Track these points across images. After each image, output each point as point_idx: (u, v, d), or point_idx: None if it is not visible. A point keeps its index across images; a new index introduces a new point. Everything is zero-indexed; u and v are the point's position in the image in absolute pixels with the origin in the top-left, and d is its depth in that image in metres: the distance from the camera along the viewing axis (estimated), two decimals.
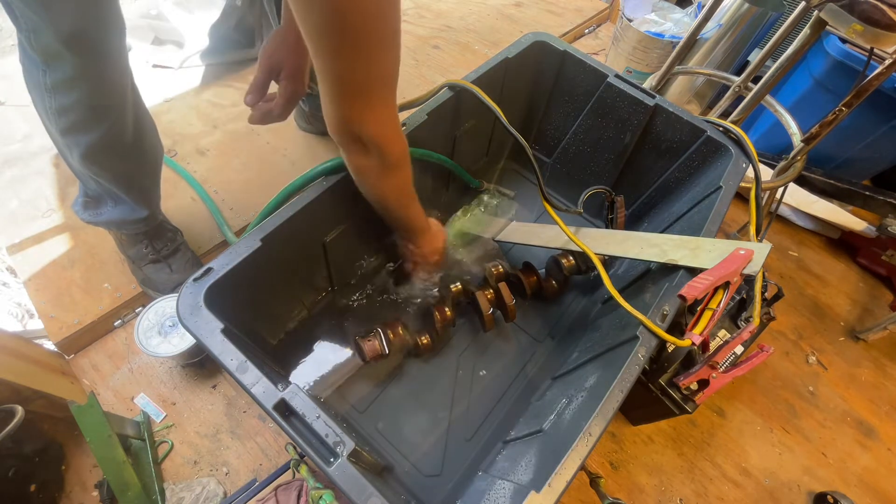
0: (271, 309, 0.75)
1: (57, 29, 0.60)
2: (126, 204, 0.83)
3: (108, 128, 0.72)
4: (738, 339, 0.73)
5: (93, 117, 0.71)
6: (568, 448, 0.51)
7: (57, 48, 0.62)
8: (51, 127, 0.72)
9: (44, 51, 0.63)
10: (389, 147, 0.59)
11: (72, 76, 0.65)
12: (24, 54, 0.66)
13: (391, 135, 0.59)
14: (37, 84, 0.67)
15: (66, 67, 0.64)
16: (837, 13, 0.72)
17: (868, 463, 0.97)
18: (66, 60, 0.64)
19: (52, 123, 0.71)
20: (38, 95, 0.69)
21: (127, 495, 0.73)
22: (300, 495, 0.73)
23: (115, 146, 0.75)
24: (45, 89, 0.66)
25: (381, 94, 0.54)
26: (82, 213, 0.85)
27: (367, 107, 0.54)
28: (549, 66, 0.94)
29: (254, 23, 1.33)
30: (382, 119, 0.56)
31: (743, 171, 0.77)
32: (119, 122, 0.73)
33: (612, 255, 0.79)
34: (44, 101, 0.68)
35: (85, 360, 0.93)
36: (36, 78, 0.66)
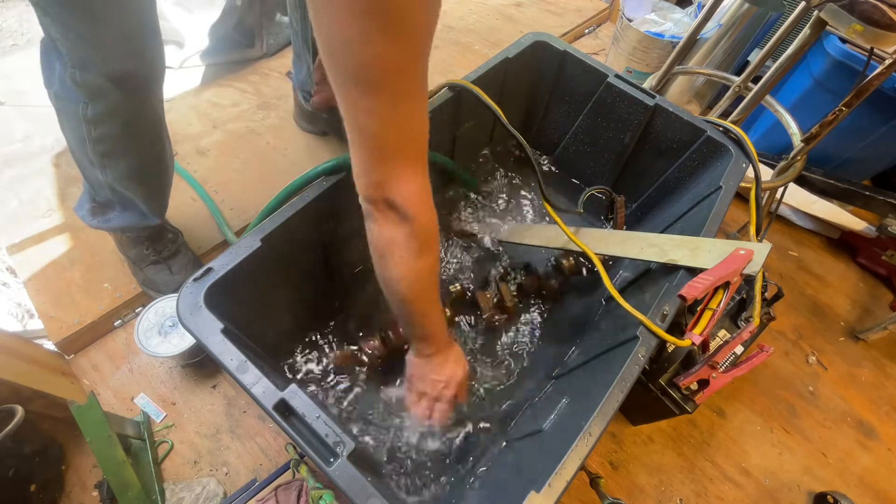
0: (271, 309, 0.75)
1: (108, 68, 0.62)
2: (136, 210, 0.84)
3: (146, 150, 0.76)
4: (738, 339, 0.73)
5: (133, 143, 0.74)
6: (568, 448, 0.51)
7: (104, 85, 0.64)
8: (85, 151, 0.73)
9: (89, 86, 0.64)
10: (422, 215, 0.54)
11: (115, 109, 0.68)
12: (62, 86, 0.67)
13: (425, 201, 0.54)
14: (74, 115, 0.68)
15: (110, 102, 0.67)
16: (837, 13, 0.72)
17: (868, 463, 0.97)
18: (111, 96, 0.66)
19: (89, 149, 0.72)
20: (73, 124, 0.70)
21: (127, 495, 0.73)
22: (300, 495, 0.73)
23: (151, 165, 0.79)
24: (83, 120, 0.68)
25: (414, 156, 0.51)
26: (90, 220, 0.85)
27: (400, 167, 0.50)
28: (549, 66, 0.94)
29: (254, 23, 1.33)
30: (416, 182, 0.52)
31: (743, 171, 0.77)
32: (157, 143, 0.77)
33: (612, 255, 0.79)
34: (80, 129, 0.70)
35: (85, 360, 0.93)
36: (74, 109, 0.68)
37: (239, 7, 1.27)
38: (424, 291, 0.60)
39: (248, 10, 1.30)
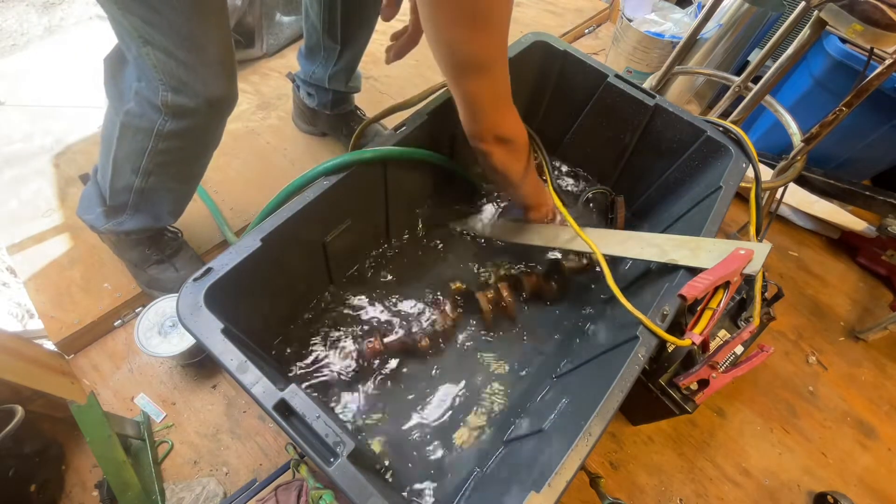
0: (271, 309, 0.75)
1: (208, 93, 0.66)
2: (150, 213, 0.84)
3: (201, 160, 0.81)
4: (738, 339, 0.73)
5: (194, 155, 0.78)
6: (568, 448, 0.51)
7: (199, 108, 0.67)
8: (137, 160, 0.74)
9: (178, 107, 0.67)
10: (521, 138, 0.73)
11: (196, 127, 0.71)
12: (139, 105, 0.69)
13: (521, 127, 0.73)
14: (146, 130, 0.70)
15: (195, 121, 0.70)
16: (837, 13, 0.72)
17: (868, 463, 0.97)
18: (200, 117, 0.69)
19: (145, 160, 0.74)
20: (139, 137, 0.72)
21: (127, 495, 0.73)
22: (300, 495, 0.73)
23: (197, 173, 0.83)
24: (154, 134, 0.70)
25: (509, 102, 0.67)
26: (103, 223, 0.85)
27: (504, 113, 0.68)
28: (549, 66, 0.94)
29: (254, 23, 1.33)
30: (515, 118, 0.70)
31: (743, 171, 0.77)
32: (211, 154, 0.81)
33: (612, 255, 0.79)
34: (145, 143, 0.72)
35: (85, 360, 0.93)
36: (148, 126, 0.69)
37: (239, 7, 1.27)
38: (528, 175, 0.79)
39: (248, 10, 1.30)
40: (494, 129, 0.68)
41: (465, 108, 0.66)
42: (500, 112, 0.67)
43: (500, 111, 0.67)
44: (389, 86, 1.41)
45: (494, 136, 0.69)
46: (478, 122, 0.67)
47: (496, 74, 0.61)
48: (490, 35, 0.56)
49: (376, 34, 1.01)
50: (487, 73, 0.60)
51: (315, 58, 1.05)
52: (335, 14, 0.94)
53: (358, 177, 0.71)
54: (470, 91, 0.62)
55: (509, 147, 0.71)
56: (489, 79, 0.61)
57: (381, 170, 0.77)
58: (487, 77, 0.61)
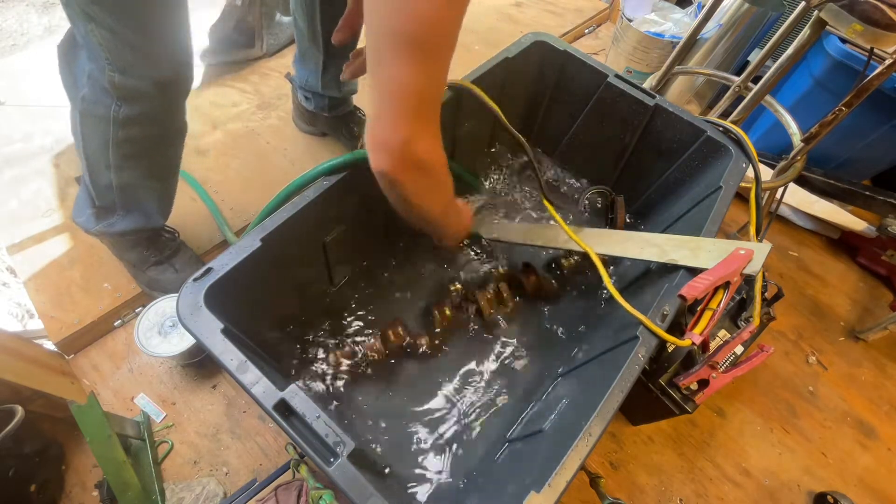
0: (271, 309, 0.75)
1: (156, 74, 0.63)
2: (140, 213, 0.84)
3: (167, 152, 0.78)
4: (738, 339, 0.73)
5: (157, 145, 0.75)
6: (568, 448, 0.51)
7: (148, 90, 0.65)
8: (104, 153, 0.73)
9: (128, 89, 0.64)
10: (440, 163, 0.58)
11: (150, 113, 0.69)
12: (93, 89, 0.67)
13: (441, 152, 0.58)
14: (103, 117, 0.68)
15: (147, 106, 0.67)
16: (837, 13, 0.72)
17: (868, 463, 0.97)
18: (151, 100, 0.67)
19: (111, 152, 0.72)
20: (100, 127, 0.70)
21: (127, 495, 0.73)
22: (300, 495, 0.73)
23: (168, 166, 0.81)
24: (112, 122, 0.68)
25: (436, 114, 0.54)
26: (93, 225, 0.85)
27: (428, 124, 0.53)
28: (549, 66, 0.94)
29: (254, 23, 1.33)
30: (435, 134, 0.55)
31: (743, 171, 0.77)
32: (178, 145, 0.79)
33: (612, 255, 0.79)
34: (106, 132, 0.70)
35: (85, 360, 0.93)
36: (104, 112, 0.68)
37: (239, 7, 1.27)
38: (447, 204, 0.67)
39: (248, 10, 1.30)
40: (410, 143, 0.52)
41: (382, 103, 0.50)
42: (424, 122, 0.52)
43: (424, 120, 0.52)
44: None
45: (408, 155, 0.53)
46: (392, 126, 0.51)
47: (437, 65, 0.49)
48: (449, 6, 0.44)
49: None
50: (428, 59, 0.47)
51: (307, 65, 1.05)
52: (316, 24, 0.93)
53: (358, 177, 0.71)
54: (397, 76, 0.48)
55: (426, 175, 0.56)
56: (427, 67, 0.47)
57: None
58: (426, 64, 0.47)
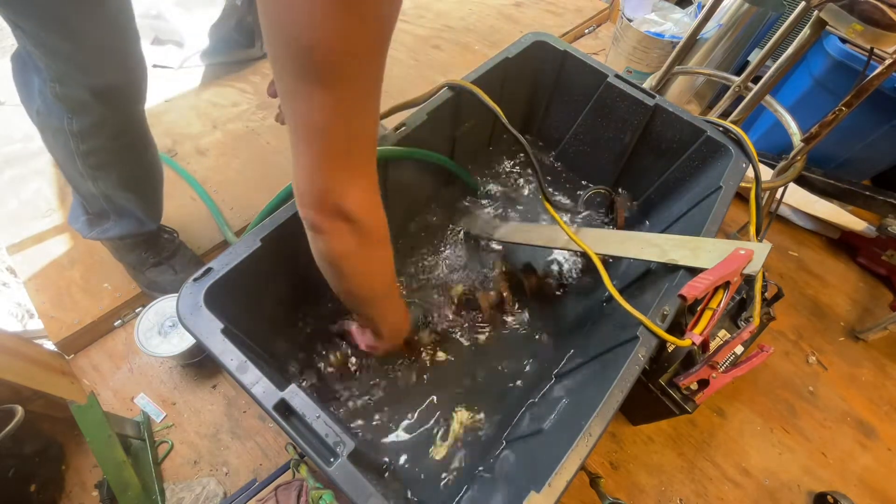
0: (271, 309, 0.75)
1: (89, 82, 0.60)
2: (132, 218, 0.83)
3: (137, 159, 0.76)
4: (738, 339, 0.73)
5: (123, 153, 0.73)
6: (568, 448, 0.51)
7: (87, 99, 0.62)
8: (74, 165, 0.72)
9: (71, 100, 0.63)
10: (375, 219, 0.49)
11: (100, 122, 0.66)
12: (44, 102, 0.65)
13: (376, 204, 0.49)
14: (59, 130, 0.67)
15: (95, 116, 0.65)
16: (837, 13, 0.72)
17: (868, 463, 0.97)
18: (95, 110, 0.64)
19: (79, 163, 0.71)
20: (60, 140, 0.69)
21: (127, 495, 0.73)
22: (300, 495, 0.73)
23: (143, 173, 0.78)
24: (70, 135, 0.67)
25: (366, 158, 0.45)
26: (87, 231, 0.84)
27: (352, 172, 0.44)
28: (549, 67, 0.94)
29: (254, 23, 1.33)
30: (367, 186, 0.46)
31: (743, 171, 0.77)
32: (146, 151, 0.76)
33: (612, 255, 0.79)
34: (68, 144, 0.68)
35: (85, 360, 0.93)
36: (59, 125, 0.66)
37: (239, 7, 1.27)
38: (386, 289, 0.59)
39: (248, 10, 1.29)
40: (335, 194, 0.44)
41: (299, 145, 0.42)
42: (349, 166, 0.43)
43: (349, 165, 0.43)
44: (390, 86, 1.39)
45: (332, 207, 0.45)
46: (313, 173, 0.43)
47: (354, 96, 0.40)
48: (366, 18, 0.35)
49: None
50: (340, 87, 0.38)
51: None
52: None
53: None
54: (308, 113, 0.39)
55: (358, 234, 0.47)
56: (346, 94, 0.39)
57: (381, 170, 0.76)
58: (338, 94, 0.38)
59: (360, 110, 0.42)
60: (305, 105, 0.39)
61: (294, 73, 0.38)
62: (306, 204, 0.46)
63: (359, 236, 0.48)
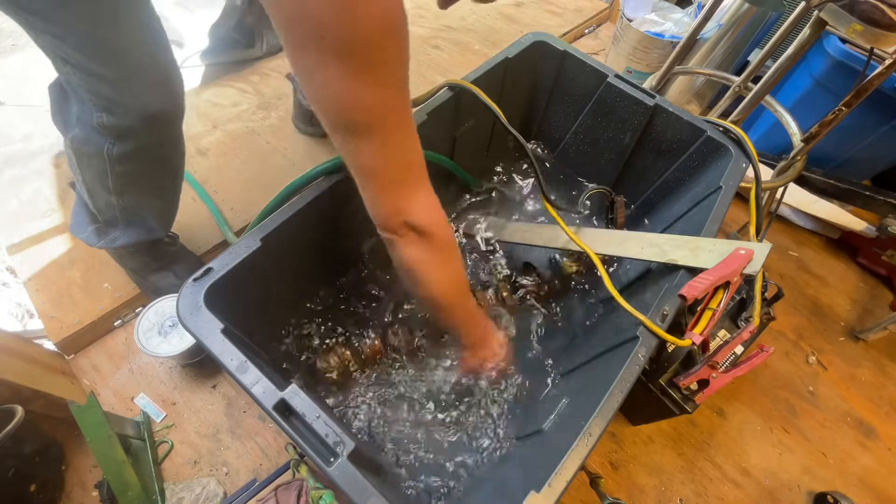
0: (271, 308, 0.75)
1: (140, 110, 0.62)
2: (142, 226, 0.83)
3: (168, 175, 0.77)
4: (738, 339, 0.73)
5: (157, 171, 0.75)
6: (568, 448, 0.51)
7: (135, 126, 0.63)
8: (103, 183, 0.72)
9: (117, 128, 0.63)
10: (440, 227, 0.58)
11: (144, 147, 0.67)
12: (83, 129, 0.66)
13: (439, 215, 0.58)
14: (97, 155, 0.67)
15: (140, 141, 0.66)
16: (837, 13, 0.72)
17: (868, 463, 0.97)
18: (141, 136, 0.65)
19: (110, 183, 0.71)
20: (95, 162, 0.69)
21: (127, 495, 0.73)
22: (300, 495, 0.73)
23: (170, 185, 0.80)
24: (107, 159, 0.67)
25: (417, 179, 0.55)
26: (96, 241, 0.84)
27: (409, 192, 0.54)
28: (549, 66, 0.94)
29: (254, 23, 1.33)
30: (426, 201, 0.56)
31: (743, 171, 0.77)
32: (179, 168, 0.78)
33: (612, 255, 0.79)
34: (102, 167, 0.69)
35: (85, 360, 0.93)
36: (98, 151, 0.67)
37: (239, 7, 1.27)
38: (458, 296, 0.65)
39: (248, 10, 1.29)
40: (400, 214, 0.54)
41: (359, 182, 0.53)
42: (405, 190, 0.54)
43: (405, 189, 0.54)
44: None
45: (404, 223, 0.55)
46: (376, 202, 0.54)
47: (390, 139, 0.49)
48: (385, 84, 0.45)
49: None
50: (376, 138, 0.48)
51: None
52: None
53: None
54: (358, 159, 0.51)
55: (426, 242, 0.57)
56: (380, 144, 0.49)
57: None
58: (377, 142, 0.48)
59: (399, 147, 0.51)
60: (355, 154, 0.50)
61: (343, 133, 0.48)
62: (380, 226, 0.57)
63: (426, 242, 0.57)
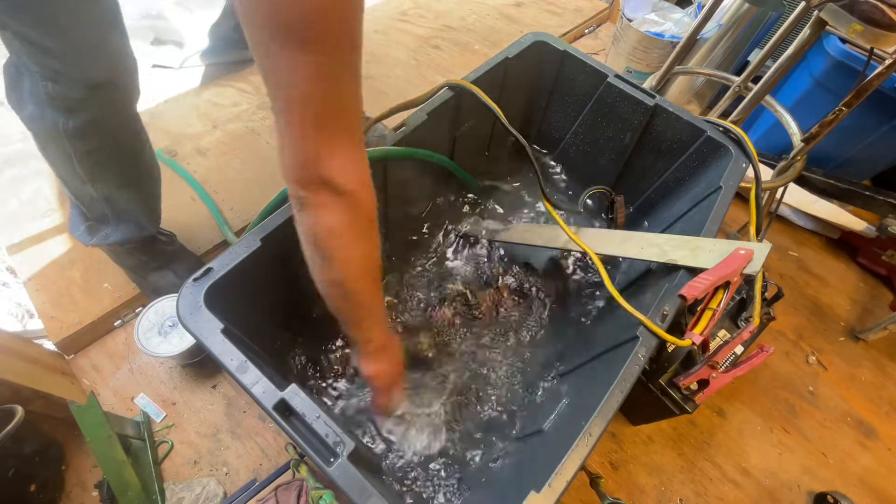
0: (271, 309, 0.75)
1: (85, 78, 0.60)
2: (132, 222, 0.83)
3: (134, 158, 0.75)
4: (738, 339, 0.73)
5: (120, 152, 0.72)
6: (568, 448, 0.51)
7: (82, 97, 0.62)
8: (73, 168, 0.71)
9: (65, 99, 0.62)
10: (364, 192, 0.46)
11: (96, 121, 0.66)
12: (36, 105, 0.64)
13: (365, 176, 0.46)
14: (54, 133, 0.66)
15: (91, 114, 0.64)
16: (837, 13, 0.72)
17: (868, 463, 0.97)
18: (90, 108, 0.64)
19: (77, 166, 0.70)
20: (56, 143, 0.68)
21: (127, 495, 0.73)
22: (300, 495, 0.73)
23: (141, 172, 0.78)
24: (65, 136, 0.66)
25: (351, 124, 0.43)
26: (88, 239, 0.84)
27: (338, 138, 0.43)
28: (549, 67, 0.94)
29: None
30: (353, 154, 0.44)
31: (743, 171, 0.77)
32: (143, 150, 0.76)
33: (612, 255, 0.79)
34: (64, 147, 0.67)
35: (85, 360, 0.93)
36: (53, 127, 0.65)
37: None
38: (372, 282, 0.54)
39: None
40: (320, 164, 0.43)
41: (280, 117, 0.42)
42: (333, 137, 0.42)
43: (333, 135, 0.42)
44: (389, 86, 1.41)
45: (318, 177, 0.44)
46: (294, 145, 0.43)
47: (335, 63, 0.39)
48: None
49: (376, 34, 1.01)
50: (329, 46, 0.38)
51: None
52: None
53: None
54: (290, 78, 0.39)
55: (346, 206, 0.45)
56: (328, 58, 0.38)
57: (381, 170, 0.77)
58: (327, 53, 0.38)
59: (341, 73, 0.40)
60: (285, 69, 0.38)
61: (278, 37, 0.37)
62: (291, 177, 0.45)
63: (346, 207, 0.46)
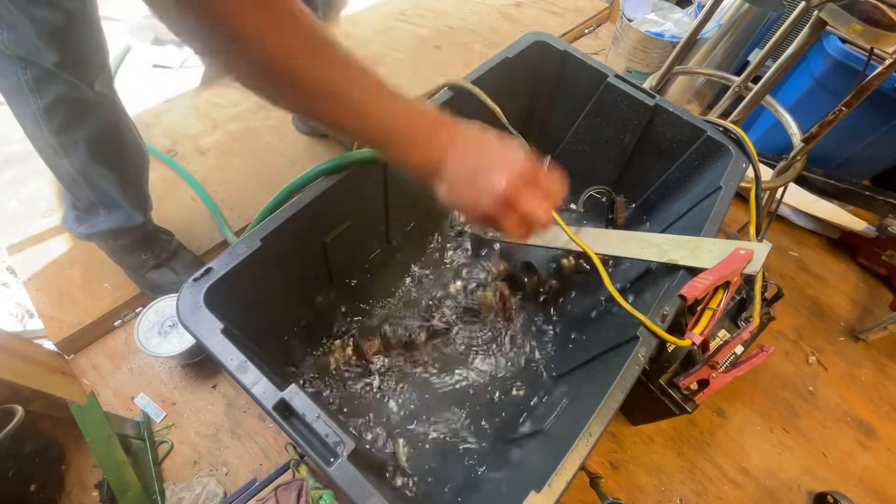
0: (271, 309, 0.75)
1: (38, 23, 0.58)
2: (121, 210, 0.82)
3: (103, 118, 0.73)
4: (738, 339, 0.73)
5: (84, 109, 0.70)
6: (568, 448, 0.51)
7: (36, 43, 0.60)
8: (42, 132, 0.71)
9: (23, 47, 0.61)
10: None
11: (53, 68, 0.64)
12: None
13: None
14: (17, 86, 0.65)
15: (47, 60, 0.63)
16: (837, 13, 0.72)
17: (868, 463, 0.97)
18: (45, 53, 0.62)
19: (45, 125, 0.69)
20: (21, 99, 0.67)
21: (127, 495, 0.73)
22: (300, 495, 0.73)
23: (114, 140, 0.76)
24: (27, 89, 0.65)
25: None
26: (76, 228, 0.84)
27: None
28: (549, 67, 0.94)
29: None
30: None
31: (743, 171, 0.77)
32: (113, 111, 0.73)
33: (612, 255, 0.79)
34: (28, 103, 0.67)
35: (85, 360, 0.93)
36: (15, 79, 0.65)
37: None
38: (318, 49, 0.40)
39: None
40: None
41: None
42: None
43: None
44: None
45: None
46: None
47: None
48: None
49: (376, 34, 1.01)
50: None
51: None
52: None
53: (358, 177, 0.71)
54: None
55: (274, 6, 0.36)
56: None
57: (381, 170, 0.77)
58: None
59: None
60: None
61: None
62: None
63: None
